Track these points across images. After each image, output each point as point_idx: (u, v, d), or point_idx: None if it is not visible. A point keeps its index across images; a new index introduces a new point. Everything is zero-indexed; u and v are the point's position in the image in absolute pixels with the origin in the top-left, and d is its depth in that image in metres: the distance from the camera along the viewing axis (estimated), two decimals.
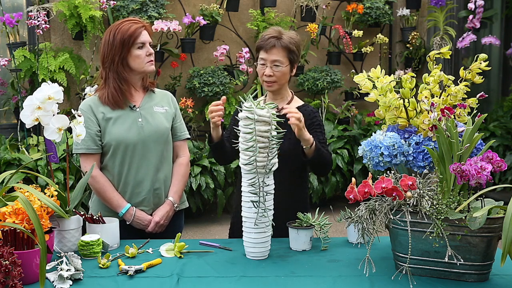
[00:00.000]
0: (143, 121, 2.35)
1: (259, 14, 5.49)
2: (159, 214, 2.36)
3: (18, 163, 4.35)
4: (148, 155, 2.34)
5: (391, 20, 6.00)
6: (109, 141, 2.31)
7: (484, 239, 1.66)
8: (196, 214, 5.03)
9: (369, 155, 1.97)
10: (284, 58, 2.31)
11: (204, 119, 5.35)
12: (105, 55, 2.32)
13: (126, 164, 2.32)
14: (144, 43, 2.32)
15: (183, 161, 2.49)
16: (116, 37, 2.29)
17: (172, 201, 2.40)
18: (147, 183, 2.34)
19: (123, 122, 2.32)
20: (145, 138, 2.33)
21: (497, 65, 6.58)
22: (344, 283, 1.73)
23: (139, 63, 2.32)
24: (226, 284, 1.73)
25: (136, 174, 2.33)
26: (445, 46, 2.86)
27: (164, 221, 2.37)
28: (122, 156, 2.32)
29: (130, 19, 2.36)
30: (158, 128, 2.36)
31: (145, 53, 2.32)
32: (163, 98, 2.47)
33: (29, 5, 4.92)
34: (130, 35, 2.28)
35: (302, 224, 2.06)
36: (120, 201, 2.32)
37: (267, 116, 1.83)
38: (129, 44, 2.28)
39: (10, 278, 1.54)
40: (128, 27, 2.30)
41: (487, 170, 1.62)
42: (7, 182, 1.83)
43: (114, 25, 2.34)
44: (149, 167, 2.34)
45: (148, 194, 2.35)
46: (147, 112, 2.37)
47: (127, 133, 2.31)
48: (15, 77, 4.71)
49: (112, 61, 2.30)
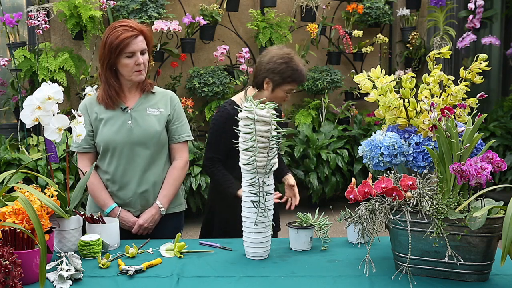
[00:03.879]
0: (133, 124, 2.33)
1: (259, 14, 5.49)
2: (144, 217, 2.35)
3: (18, 163, 4.35)
4: (136, 158, 2.33)
5: (391, 20, 6.00)
6: (99, 142, 2.33)
7: (484, 239, 1.66)
8: (196, 214, 5.02)
9: (369, 155, 1.97)
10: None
11: (204, 119, 5.35)
12: (100, 56, 2.32)
13: (113, 165, 2.33)
14: (134, 53, 2.26)
15: (178, 164, 2.43)
16: (107, 42, 2.26)
17: (159, 205, 2.37)
18: (133, 185, 2.34)
19: (113, 124, 2.32)
20: (133, 141, 2.32)
21: (497, 65, 6.58)
22: (344, 283, 1.73)
23: (127, 71, 2.29)
24: (226, 284, 1.73)
25: (122, 176, 2.33)
26: (445, 46, 2.86)
27: (148, 224, 2.35)
28: (110, 157, 2.32)
29: (126, 24, 2.28)
30: (147, 131, 2.33)
31: (133, 63, 2.27)
32: (162, 100, 2.41)
33: (29, 5, 4.92)
34: (118, 44, 2.24)
35: (302, 224, 2.06)
36: (106, 200, 2.33)
37: (267, 116, 1.83)
38: (116, 52, 2.24)
39: (10, 278, 1.54)
40: (119, 34, 2.24)
41: (487, 170, 1.62)
42: (7, 182, 1.83)
43: (110, 27, 2.30)
44: (136, 169, 2.33)
45: (134, 196, 2.35)
46: (139, 115, 2.35)
47: (115, 135, 2.30)
48: (15, 77, 4.71)
49: (102, 65, 2.31)
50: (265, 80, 2.53)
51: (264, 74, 2.52)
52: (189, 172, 4.82)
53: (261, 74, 2.54)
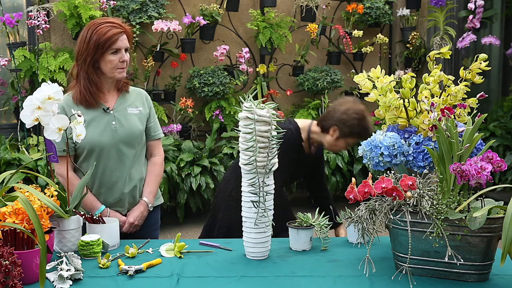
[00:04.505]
0: (117, 124, 2.33)
1: (259, 14, 5.49)
2: (133, 215, 2.36)
3: (18, 163, 4.35)
4: (123, 158, 2.34)
5: (391, 20, 6.00)
6: (83, 144, 2.28)
7: (484, 239, 1.65)
8: (196, 214, 5.03)
9: (369, 155, 1.97)
10: None
11: (204, 119, 5.35)
12: (79, 52, 2.27)
13: (100, 166, 2.31)
14: (120, 49, 2.27)
15: (157, 160, 2.49)
16: (92, 38, 2.23)
17: (147, 201, 2.41)
18: (121, 185, 2.35)
19: (97, 125, 2.30)
20: (119, 141, 2.32)
21: (497, 65, 6.58)
22: (344, 283, 1.72)
23: (110, 68, 2.28)
24: (226, 284, 1.73)
25: (110, 176, 2.33)
26: (445, 46, 2.86)
27: (138, 222, 2.37)
28: (96, 159, 2.30)
29: (111, 21, 2.29)
30: (132, 131, 2.35)
31: (118, 59, 2.27)
32: (137, 98, 2.44)
33: (29, 5, 4.92)
34: (107, 39, 2.23)
35: (302, 224, 2.06)
36: (94, 203, 2.32)
37: (267, 116, 1.83)
38: (103, 48, 2.23)
39: (10, 278, 1.54)
40: (106, 30, 2.24)
41: (487, 170, 1.62)
42: (7, 182, 1.83)
43: (93, 23, 2.27)
44: (123, 169, 2.34)
45: (123, 196, 2.36)
46: (121, 115, 2.35)
47: (101, 136, 2.29)
48: (15, 77, 4.72)
49: (84, 61, 2.26)
50: (333, 128, 2.67)
51: (335, 122, 2.67)
52: (189, 172, 4.83)
53: (332, 120, 2.69)
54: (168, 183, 4.72)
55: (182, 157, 4.87)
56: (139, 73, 5.14)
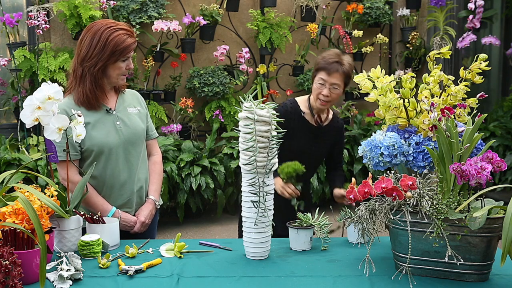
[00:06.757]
0: (121, 124, 2.33)
1: (259, 14, 5.49)
2: (144, 214, 2.37)
3: (18, 163, 4.35)
4: (129, 157, 2.34)
5: (391, 20, 6.00)
6: (90, 147, 2.26)
7: (484, 239, 1.66)
8: (196, 214, 5.03)
9: (369, 155, 1.97)
10: (342, 82, 2.60)
11: (204, 119, 5.35)
12: (89, 55, 2.22)
13: (108, 168, 2.30)
14: (129, 58, 2.30)
15: (157, 159, 2.53)
16: (109, 44, 2.21)
17: (154, 199, 2.43)
18: (130, 185, 2.35)
19: (102, 127, 2.29)
20: (125, 141, 2.33)
21: (497, 65, 6.58)
22: (344, 283, 1.73)
23: (117, 74, 2.28)
24: (226, 284, 1.73)
25: (119, 177, 2.33)
26: (445, 46, 2.86)
27: (148, 220, 2.39)
28: (104, 161, 2.29)
29: (124, 27, 2.27)
30: (136, 129, 2.37)
31: (125, 67, 2.28)
32: (133, 98, 2.46)
33: (29, 5, 4.92)
34: (124, 48, 2.23)
35: (302, 224, 2.06)
36: (105, 206, 2.30)
37: (267, 116, 1.83)
38: (119, 56, 2.24)
39: (10, 278, 1.54)
40: (124, 38, 2.23)
41: (487, 170, 1.62)
42: (7, 182, 1.83)
43: (106, 28, 2.23)
44: (131, 168, 2.35)
45: (131, 196, 2.36)
46: (123, 114, 2.36)
47: (107, 137, 2.29)
48: (15, 77, 4.71)
49: (94, 65, 2.23)
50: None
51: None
52: (189, 172, 4.83)
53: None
54: (168, 183, 4.72)
55: (182, 157, 4.87)
56: (139, 73, 5.14)
